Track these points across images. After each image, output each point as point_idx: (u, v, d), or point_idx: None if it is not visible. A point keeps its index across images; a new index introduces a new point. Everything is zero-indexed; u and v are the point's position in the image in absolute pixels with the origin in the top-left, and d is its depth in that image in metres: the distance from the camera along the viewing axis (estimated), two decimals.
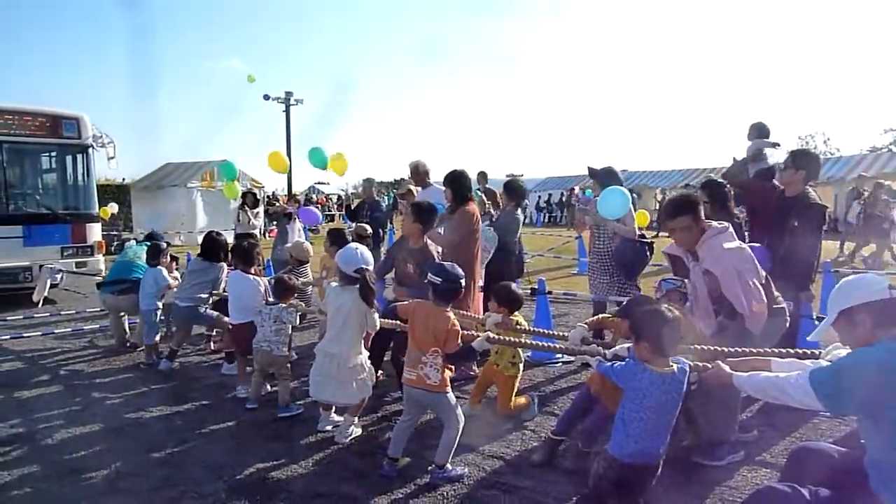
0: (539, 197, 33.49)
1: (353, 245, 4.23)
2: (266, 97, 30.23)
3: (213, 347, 6.49)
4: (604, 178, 5.87)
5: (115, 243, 17.28)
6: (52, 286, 9.09)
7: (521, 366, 4.64)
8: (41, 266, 8.86)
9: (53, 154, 10.19)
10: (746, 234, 5.39)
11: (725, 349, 3.30)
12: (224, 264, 6.04)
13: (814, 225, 4.67)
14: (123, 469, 3.80)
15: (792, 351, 3.26)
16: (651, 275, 7.34)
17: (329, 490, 3.50)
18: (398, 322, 4.16)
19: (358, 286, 3.97)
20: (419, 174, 7.25)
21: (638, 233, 5.67)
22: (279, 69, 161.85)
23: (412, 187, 7.50)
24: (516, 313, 4.53)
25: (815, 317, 5.07)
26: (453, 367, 3.73)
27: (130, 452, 4.03)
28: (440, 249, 5.15)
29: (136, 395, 5.20)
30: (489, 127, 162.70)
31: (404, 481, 3.58)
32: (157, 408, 4.83)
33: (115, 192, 22.78)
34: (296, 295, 5.22)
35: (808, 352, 3.19)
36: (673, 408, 2.83)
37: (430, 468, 3.63)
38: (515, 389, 4.56)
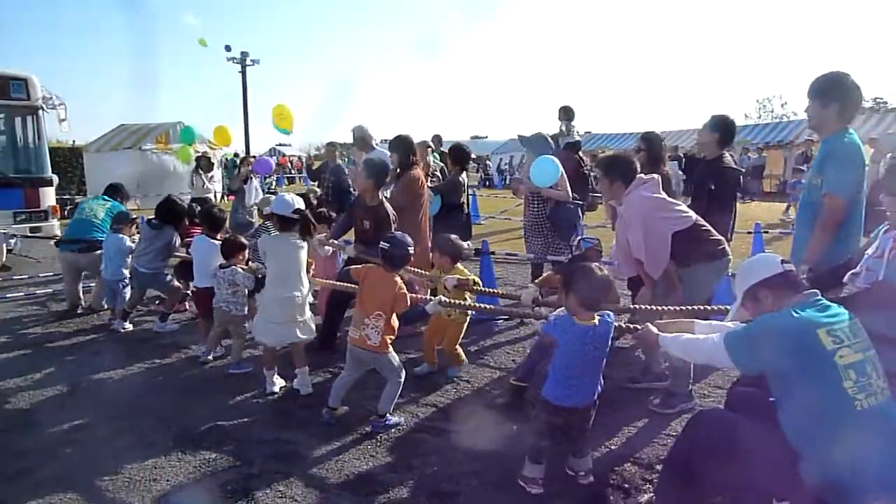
0: (500, 159, 33.38)
1: (286, 193, 4.58)
2: (227, 48, 29.76)
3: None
4: (534, 145, 6.09)
5: (69, 207, 16.99)
6: (8, 251, 9.06)
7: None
8: None
9: (2, 116, 9.95)
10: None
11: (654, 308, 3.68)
12: (173, 228, 6.08)
13: (729, 189, 5.01)
14: (77, 423, 4.01)
15: (708, 308, 3.68)
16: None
17: (271, 437, 3.78)
18: (350, 284, 4.30)
19: (298, 227, 4.35)
20: (362, 139, 7.38)
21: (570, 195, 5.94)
22: (236, 27, 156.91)
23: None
24: (460, 266, 4.78)
25: (731, 274, 5.49)
26: (396, 329, 3.97)
27: (85, 409, 4.23)
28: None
29: (92, 356, 5.36)
30: (455, 87, 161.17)
31: (343, 428, 3.88)
32: (112, 368, 4.99)
33: (68, 154, 22.17)
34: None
35: (719, 307, 3.60)
36: (597, 356, 3.11)
37: (371, 417, 3.92)
38: (462, 333, 4.85)
